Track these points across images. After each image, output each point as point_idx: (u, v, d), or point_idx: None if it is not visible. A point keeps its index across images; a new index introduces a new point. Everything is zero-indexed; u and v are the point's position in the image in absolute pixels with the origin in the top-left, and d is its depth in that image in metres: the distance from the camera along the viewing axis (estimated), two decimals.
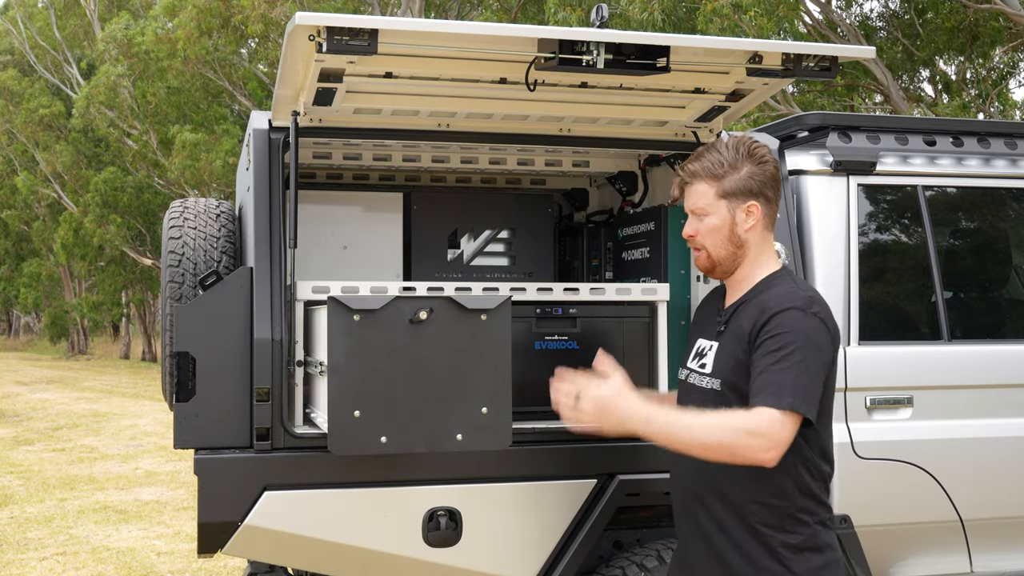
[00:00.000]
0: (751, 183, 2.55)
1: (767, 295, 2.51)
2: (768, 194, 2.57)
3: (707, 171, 2.57)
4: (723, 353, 2.56)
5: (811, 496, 2.50)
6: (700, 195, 2.58)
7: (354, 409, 2.70)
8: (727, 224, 2.57)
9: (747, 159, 2.56)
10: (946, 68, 16.74)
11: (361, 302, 2.71)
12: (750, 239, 2.58)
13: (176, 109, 23.21)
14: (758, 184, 2.55)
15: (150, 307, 34.96)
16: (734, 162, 2.55)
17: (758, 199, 2.56)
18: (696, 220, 2.61)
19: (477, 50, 2.84)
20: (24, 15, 31.05)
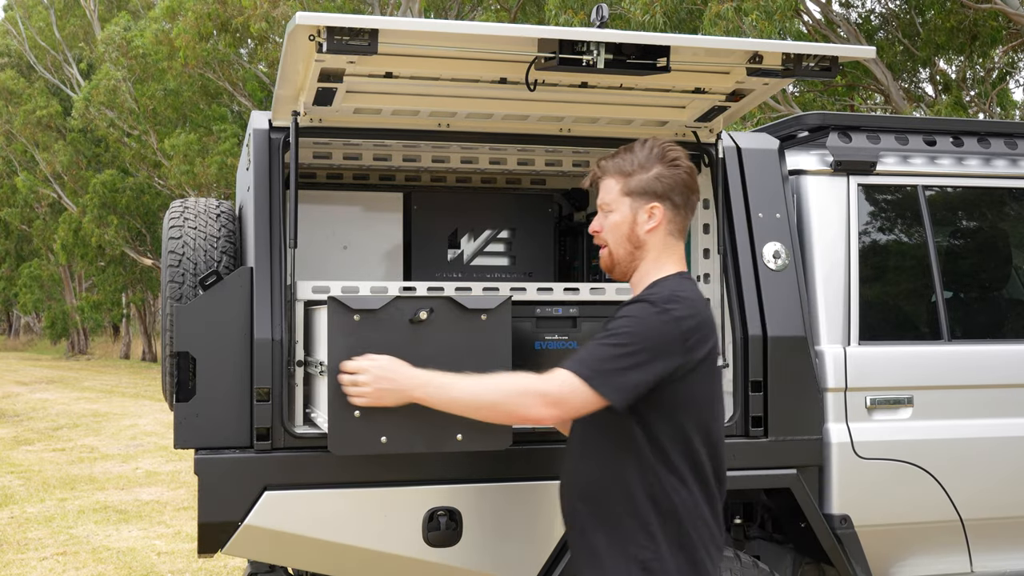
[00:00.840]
0: (657, 184, 2.50)
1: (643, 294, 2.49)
2: (675, 199, 2.51)
3: (617, 168, 2.54)
4: None
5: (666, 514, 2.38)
6: (607, 191, 2.56)
7: (354, 409, 2.69)
8: (628, 223, 2.52)
9: (658, 161, 2.51)
10: (946, 68, 16.74)
11: (361, 302, 2.71)
12: (649, 241, 2.52)
13: (174, 111, 23.20)
14: (664, 187, 2.50)
15: (150, 307, 34.95)
16: (644, 162, 2.51)
17: (662, 202, 2.50)
18: (602, 216, 2.59)
19: (477, 50, 2.84)
20: (24, 15, 31.04)
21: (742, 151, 3.59)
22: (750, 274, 3.45)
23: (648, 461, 2.40)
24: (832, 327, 3.54)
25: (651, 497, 2.39)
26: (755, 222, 3.50)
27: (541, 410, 2.37)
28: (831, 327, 3.54)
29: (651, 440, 2.39)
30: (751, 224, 3.50)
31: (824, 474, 3.45)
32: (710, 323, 2.45)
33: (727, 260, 3.46)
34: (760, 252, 3.47)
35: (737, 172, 3.55)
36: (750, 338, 3.38)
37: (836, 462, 3.44)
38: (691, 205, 2.56)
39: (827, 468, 3.45)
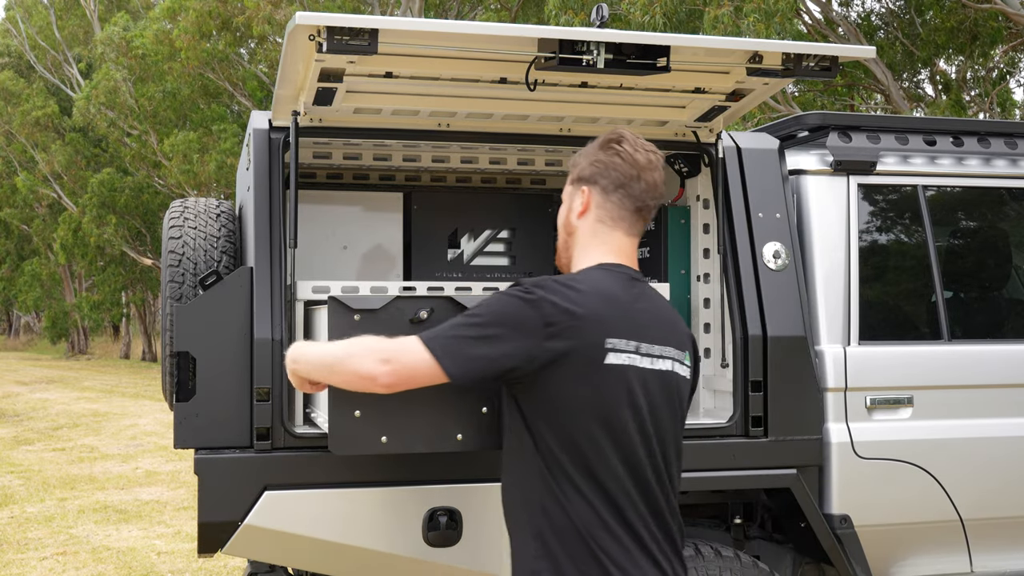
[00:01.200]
0: (590, 169, 2.43)
1: None
2: (603, 183, 2.40)
3: (572, 159, 2.50)
4: None
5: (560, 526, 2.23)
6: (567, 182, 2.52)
7: (354, 409, 2.67)
8: (565, 209, 2.48)
9: (598, 148, 2.43)
10: (946, 68, 16.74)
11: (361, 302, 2.71)
12: (579, 228, 2.43)
13: (174, 111, 23.20)
14: (595, 171, 2.41)
15: (150, 307, 34.96)
16: (588, 151, 2.46)
17: (592, 186, 2.41)
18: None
19: (477, 50, 2.84)
20: (24, 15, 31.04)
21: (742, 151, 3.59)
22: (750, 274, 3.45)
23: (539, 471, 2.27)
24: (832, 327, 3.54)
25: (544, 508, 2.25)
26: (755, 222, 3.50)
27: (373, 365, 2.25)
28: (831, 327, 3.54)
29: (540, 449, 2.27)
30: (751, 224, 3.50)
31: (824, 474, 3.45)
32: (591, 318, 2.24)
33: (727, 260, 3.45)
34: (760, 252, 3.47)
35: (737, 172, 3.55)
36: (750, 338, 3.37)
37: (836, 462, 3.44)
38: (629, 193, 2.39)
39: (827, 468, 3.45)
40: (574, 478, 2.24)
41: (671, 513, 2.32)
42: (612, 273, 2.37)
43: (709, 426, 3.36)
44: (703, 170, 3.64)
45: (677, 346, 2.39)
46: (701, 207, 3.70)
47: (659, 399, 2.32)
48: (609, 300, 2.30)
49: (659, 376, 2.33)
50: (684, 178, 3.74)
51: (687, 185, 3.76)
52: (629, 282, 2.37)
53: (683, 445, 2.43)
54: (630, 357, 2.28)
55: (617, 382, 2.26)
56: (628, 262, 2.43)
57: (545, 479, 2.26)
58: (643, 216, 2.44)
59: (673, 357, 2.37)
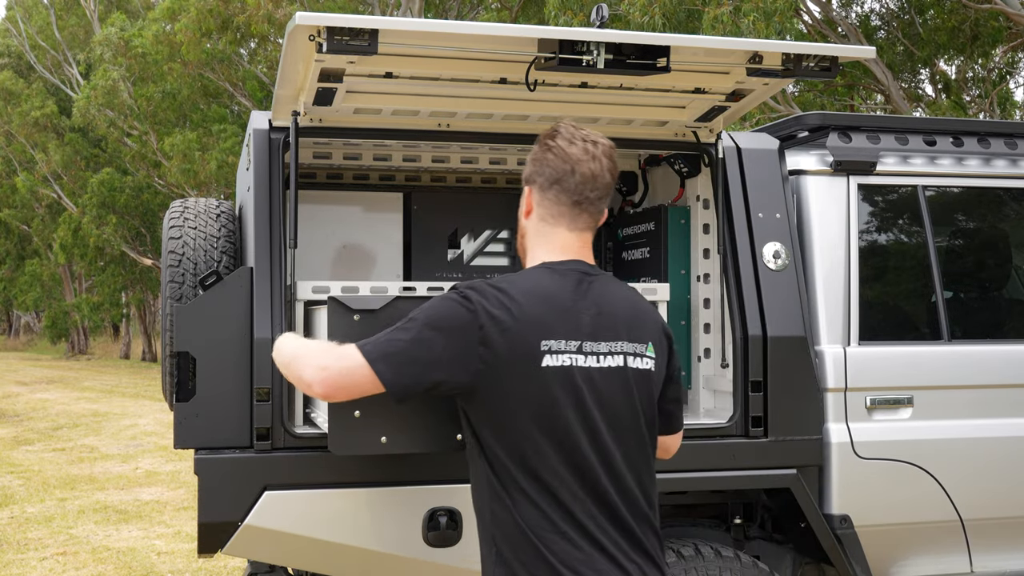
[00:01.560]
0: (529, 168, 2.40)
1: None
2: (540, 181, 2.35)
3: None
4: None
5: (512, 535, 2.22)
6: None
7: (354, 410, 2.68)
8: (519, 212, 2.46)
9: (538, 143, 2.39)
10: (946, 68, 16.74)
11: (361, 302, 2.72)
12: (527, 228, 2.41)
13: (174, 111, 23.19)
14: (532, 170, 2.38)
15: (150, 307, 34.95)
16: (534, 150, 2.40)
17: (532, 185, 2.38)
18: None
19: (477, 50, 2.84)
20: (24, 15, 31.04)
21: (742, 151, 3.59)
22: (750, 274, 3.45)
23: (487, 476, 2.26)
24: (832, 327, 3.54)
25: (493, 513, 2.25)
26: (755, 222, 3.50)
27: (311, 372, 2.27)
28: (831, 327, 3.54)
29: (487, 455, 2.26)
30: (751, 224, 3.50)
31: (824, 474, 3.45)
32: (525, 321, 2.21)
33: (727, 260, 3.45)
34: (760, 252, 3.47)
35: (737, 172, 3.55)
36: (750, 338, 3.37)
37: (836, 462, 3.44)
38: (564, 188, 2.33)
39: (827, 468, 3.45)
40: (520, 482, 2.21)
41: (633, 512, 2.25)
42: (555, 272, 2.31)
43: (709, 426, 3.36)
44: (703, 170, 3.64)
45: (634, 339, 2.31)
46: (701, 207, 3.69)
47: (611, 396, 2.27)
48: (546, 301, 2.26)
49: (609, 373, 2.27)
50: (684, 178, 3.74)
51: (687, 185, 3.76)
52: (576, 279, 2.31)
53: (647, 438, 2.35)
54: (571, 357, 2.24)
55: (557, 384, 2.22)
56: (577, 257, 2.36)
57: (492, 485, 2.25)
58: (585, 209, 2.35)
59: (626, 352, 2.30)
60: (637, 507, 2.26)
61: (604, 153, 2.35)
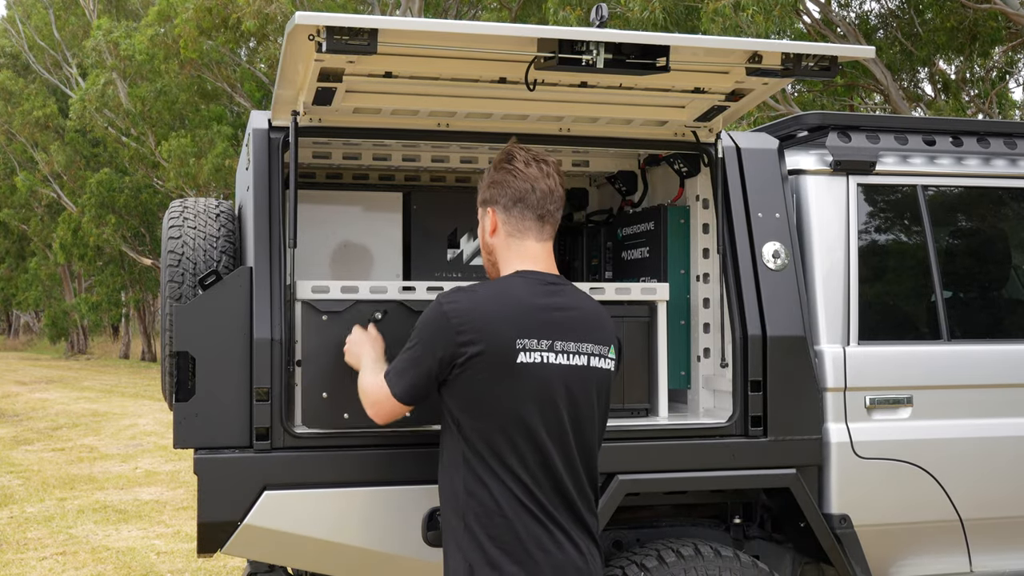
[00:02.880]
0: (489, 191, 2.68)
1: None
2: (503, 201, 2.64)
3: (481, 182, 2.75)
4: None
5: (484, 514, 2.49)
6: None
7: (322, 392, 3.07)
8: (480, 230, 2.73)
9: (495, 169, 2.67)
10: (946, 68, 16.73)
11: (328, 305, 3.11)
12: (495, 245, 2.68)
13: (170, 112, 23.16)
14: (492, 192, 2.66)
15: (149, 307, 34.95)
16: (487, 173, 2.70)
17: (494, 206, 2.66)
18: None
19: (477, 50, 2.84)
20: (23, 15, 31.01)
21: (741, 151, 3.59)
22: (749, 274, 3.45)
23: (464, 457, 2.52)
24: (831, 327, 3.54)
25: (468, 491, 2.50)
26: (754, 222, 3.50)
27: (368, 409, 2.69)
28: (830, 327, 3.54)
29: (464, 437, 2.51)
30: (750, 224, 3.50)
31: (823, 474, 3.45)
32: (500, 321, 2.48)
33: (726, 260, 3.45)
34: (760, 252, 3.47)
35: (736, 172, 3.55)
36: (749, 338, 3.37)
37: (835, 462, 3.44)
38: (527, 203, 2.63)
39: (826, 468, 3.45)
40: (493, 466, 2.48)
41: (581, 496, 2.55)
42: (526, 279, 2.59)
43: (709, 426, 3.36)
44: (702, 170, 3.64)
45: (597, 341, 2.61)
46: (701, 207, 3.69)
47: (575, 392, 2.55)
48: (519, 304, 2.53)
49: (575, 371, 2.55)
50: (684, 178, 3.74)
51: (687, 185, 3.76)
52: (544, 286, 2.59)
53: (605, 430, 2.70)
54: (543, 355, 2.50)
55: (530, 378, 2.49)
56: (544, 267, 2.65)
57: (470, 466, 2.50)
58: (548, 221, 2.67)
59: (591, 352, 2.59)
60: (584, 493, 2.57)
61: (554, 170, 2.68)
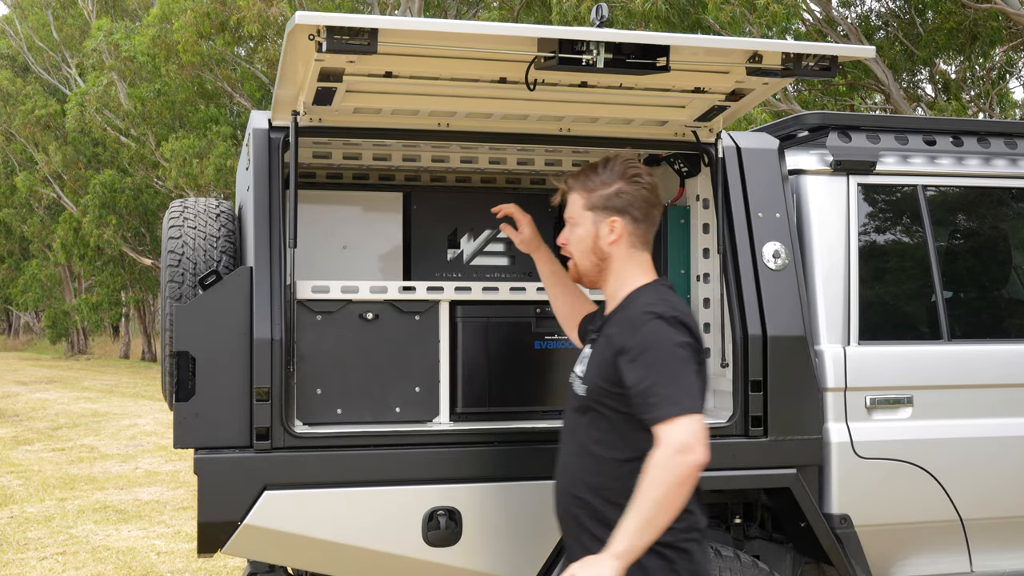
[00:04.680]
0: (617, 200, 2.67)
1: (630, 309, 2.60)
2: (634, 213, 2.67)
3: (581, 183, 2.71)
4: (593, 362, 2.65)
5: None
6: (572, 205, 2.74)
7: (316, 388, 3.22)
8: (591, 236, 2.70)
9: (619, 177, 2.67)
10: (946, 68, 16.73)
11: (322, 305, 3.25)
12: (613, 253, 2.68)
13: (170, 113, 23.14)
14: (624, 202, 2.67)
15: (149, 307, 34.95)
16: (608, 179, 2.68)
17: (623, 216, 2.67)
18: (568, 229, 2.75)
19: (477, 49, 2.84)
20: (21, 15, 31.00)
21: (742, 151, 3.59)
22: (750, 274, 3.45)
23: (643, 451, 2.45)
24: (832, 327, 3.54)
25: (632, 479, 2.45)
26: (755, 222, 3.50)
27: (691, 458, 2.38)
28: (831, 327, 3.54)
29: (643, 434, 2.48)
30: (751, 224, 3.50)
31: (824, 474, 3.45)
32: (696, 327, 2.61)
33: (727, 260, 3.45)
34: (760, 252, 3.47)
35: (737, 172, 3.55)
36: (750, 338, 3.37)
37: (836, 462, 3.44)
38: (652, 219, 2.71)
39: (827, 468, 3.45)
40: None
41: None
42: (668, 287, 2.70)
43: (709, 426, 3.36)
44: (703, 170, 3.64)
45: None
46: (701, 207, 3.69)
47: None
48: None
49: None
50: (684, 178, 3.74)
51: (687, 185, 3.76)
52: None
53: None
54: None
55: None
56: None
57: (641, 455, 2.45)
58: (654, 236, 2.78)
59: None
60: None
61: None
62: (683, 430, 2.38)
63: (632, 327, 2.52)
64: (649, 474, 2.37)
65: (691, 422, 2.39)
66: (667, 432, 2.38)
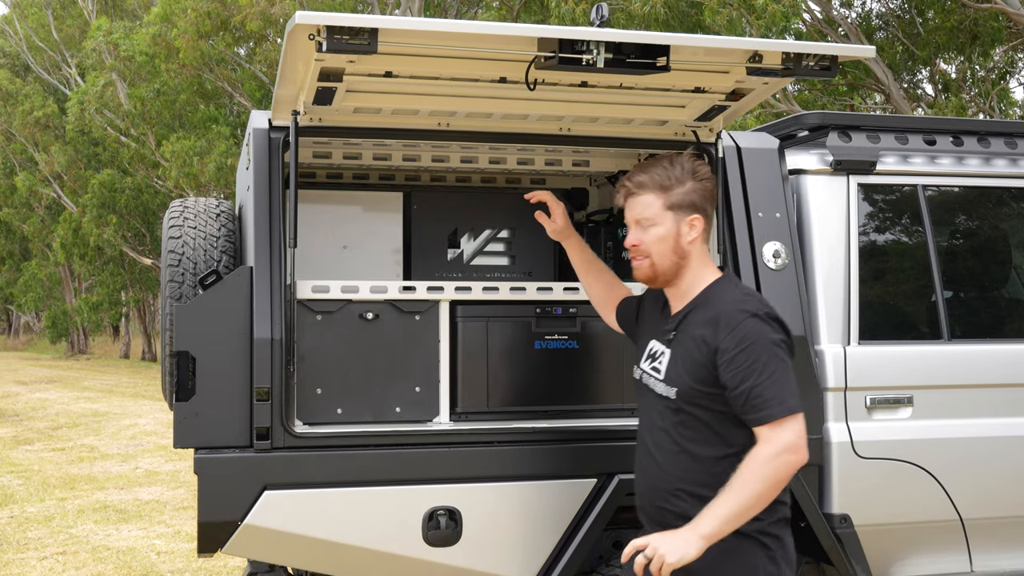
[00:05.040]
0: (695, 197, 2.69)
1: (715, 306, 2.61)
2: (707, 209, 2.72)
3: (656, 183, 2.69)
4: (678, 362, 2.64)
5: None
6: (647, 206, 2.70)
7: (316, 388, 3.23)
8: (672, 236, 2.69)
9: (691, 175, 2.70)
10: (946, 68, 16.73)
11: (322, 305, 3.25)
12: (692, 251, 2.70)
13: (170, 113, 23.13)
14: (700, 199, 2.70)
15: (149, 307, 34.94)
16: (681, 177, 2.69)
17: (702, 214, 2.70)
18: (640, 230, 2.72)
19: (477, 49, 2.84)
20: (21, 15, 30.99)
21: (742, 150, 3.59)
22: (750, 274, 3.45)
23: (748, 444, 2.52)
24: (832, 327, 3.54)
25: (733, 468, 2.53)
26: (755, 222, 3.50)
27: (796, 458, 2.46)
28: (831, 327, 3.54)
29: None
30: (751, 224, 3.50)
31: (824, 473, 3.45)
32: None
33: (727, 259, 3.45)
34: (760, 252, 3.47)
35: (737, 172, 3.55)
36: None
37: (836, 461, 3.44)
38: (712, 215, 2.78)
39: (827, 467, 3.45)
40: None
41: None
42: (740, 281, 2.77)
43: None
44: None
45: None
46: None
47: None
48: None
49: None
50: None
51: None
52: None
53: None
54: None
55: None
56: None
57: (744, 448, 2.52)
58: None
59: None
60: None
61: None
62: (791, 431, 2.46)
63: (727, 326, 2.54)
64: (754, 468, 2.45)
65: (797, 423, 2.48)
66: (775, 432, 2.46)
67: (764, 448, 2.46)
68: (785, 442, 2.45)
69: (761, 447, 2.46)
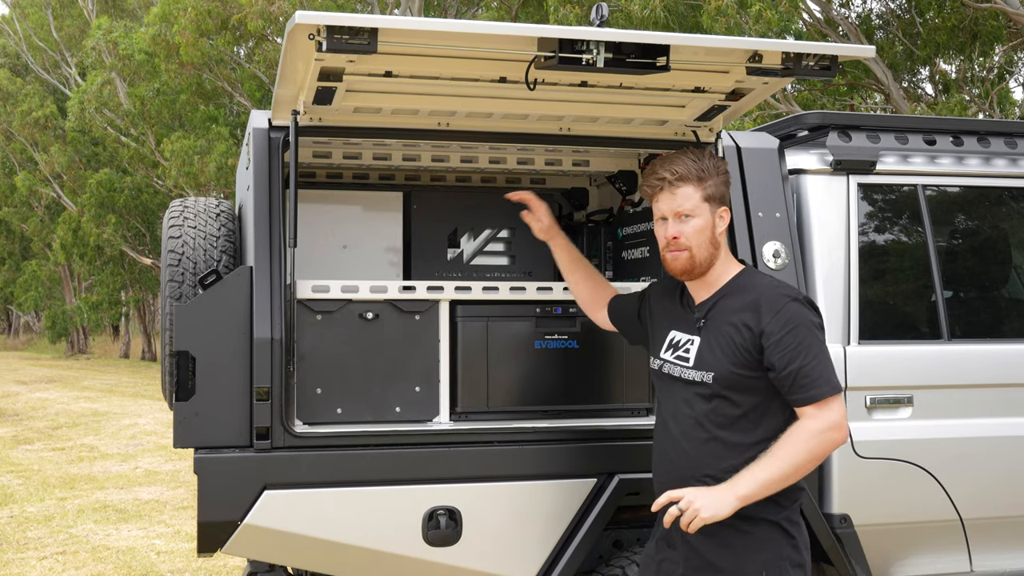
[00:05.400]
0: (724, 189, 2.78)
1: (750, 292, 2.67)
2: (729, 201, 2.82)
3: (694, 174, 2.72)
4: (715, 348, 2.67)
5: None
6: (687, 197, 2.72)
7: (316, 388, 3.24)
8: (710, 227, 2.74)
9: (716, 169, 2.77)
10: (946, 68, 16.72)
11: (322, 305, 3.26)
12: (722, 241, 2.77)
13: (169, 113, 23.12)
14: (727, 191, 2.79)
15: (149, 307, 34.94)
16: (711, 169, 2.76)
17: (728, 205, 2.79)
18: (679, 222, 2.73)
19: (477, 49, 2.84)
20: (20, 15, 30.99)
21: (742, 150, 3.59)
22: None
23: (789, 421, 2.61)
24: (832, 327, 3.53)
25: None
26: (755, 221, 3.50)
27: (840, 436, 2.58)
28: (831, 326, 3.53)
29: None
30: (751, 223, 3.50)
31: (824, 473, 3.45)
32: None
33: None
34: (760, 251, 3.47)
35: (737, 171, 3.55)
36: None
37: (836, 461, 3.44)
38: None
39: (827, 467, 3.45)
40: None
41: None
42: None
43: None
44: None
45: None
46: None
47: None
48: None
49: None
50: None
51: None
52: None
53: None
54: None
55: None
56: None
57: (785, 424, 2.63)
58: None
59: None
60: None
61: None
62: (835, 410, 2.56)
63: (771, 310, 2.60)
64: (801, 439, 2.54)
65: (840, 403, 2.58)
66: (820, 411, 2.55)
67: (811, 423, 2.54)
68: (831, 420, 2.54)
69: (807, 422, 2.54)
